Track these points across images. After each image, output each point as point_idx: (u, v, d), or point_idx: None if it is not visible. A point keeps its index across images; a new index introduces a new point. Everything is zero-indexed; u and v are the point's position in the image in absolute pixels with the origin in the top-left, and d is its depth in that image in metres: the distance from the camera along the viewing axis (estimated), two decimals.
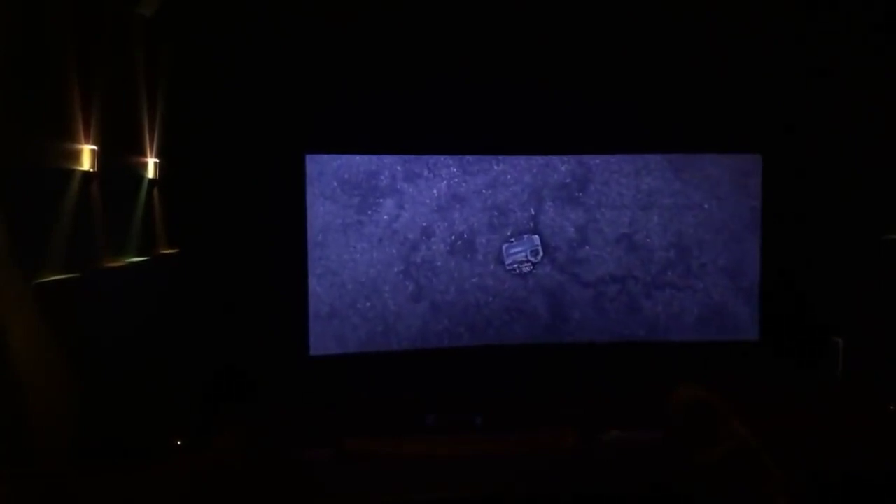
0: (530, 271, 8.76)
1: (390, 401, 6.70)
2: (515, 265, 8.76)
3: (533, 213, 8.85)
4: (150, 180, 5.78)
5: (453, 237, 8.78)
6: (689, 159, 8.71)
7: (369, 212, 8.54)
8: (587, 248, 8.92)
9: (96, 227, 4.70)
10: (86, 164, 4.46)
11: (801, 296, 7.68)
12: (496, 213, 8.83)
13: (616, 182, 9.01)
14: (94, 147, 4.52)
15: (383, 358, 7.80)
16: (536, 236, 8.77)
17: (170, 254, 6.13)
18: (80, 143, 4.43)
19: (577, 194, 8.96)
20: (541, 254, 8.74)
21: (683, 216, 8.84)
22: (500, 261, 8.74)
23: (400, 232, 8.67)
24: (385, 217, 8.59)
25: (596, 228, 8.92)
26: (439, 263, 8.75)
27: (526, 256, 8.74)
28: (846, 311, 7.27)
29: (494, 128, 7.71)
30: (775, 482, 2.38)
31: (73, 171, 4.38)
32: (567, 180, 8.91)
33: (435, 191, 8.72)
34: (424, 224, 8.73)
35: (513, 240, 8.74)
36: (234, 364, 6.80)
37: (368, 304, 8.55)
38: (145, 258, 5.51)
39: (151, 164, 5.79)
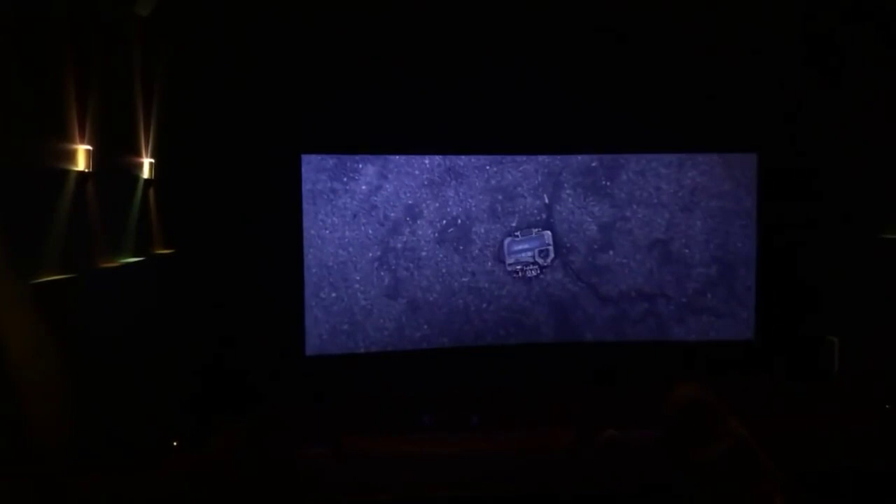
0: (536, 276, 7.26)
1: (387, 400, 6.69)
2: (519, 266, 7.24)
3: (547, 201, 7.27)
4: (146, 180, 5.78)
5: (444, 222, 7.26)
6: (743, 155, 7.43)
7: (345, 178, 7.14)
8: (611, 253, 7.32)
9: (92, 227, 4.70)
10: (81, 164, 4.46)
11: (797, 295, 7.69)
12: (500, 198, 7.32)
13: (654, 173, 7.42)
14: (90, 147, 4.52)
15: (380, 357, 7.74)
16: (548, 232, 7.25)
17: (165, 254, 6.12)
18: (75, 142, 4.44)
19: (604, 183, 7.39)
20: (551, 255, 7.21)
21: (731, 224, 7.47)
22: (499, 258, 7.25)
23: (380, 208, 7.22)
24: (363, 187, 7.20)
25: (624, 229, 7.35)
26: (424, 253, 7.22)
27: (533, 257, 7.23)
28: (842, 310, 7.29)
29: (493, 127, 7.56)
30: (773, 481, 2.39)
31: (69, 171, 4.38)
32: (593, 164, 7.40)
33: (427, 160, 7.34)
34: (410, 202, 7.26)
35: (518, 234, 7.25)
36: (230, 364, 6.78)
37: (334, 294, 7.21)
38: (141, 258, 5.51)
39: (147, 164, 5.78)
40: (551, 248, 7.40)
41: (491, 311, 7.47)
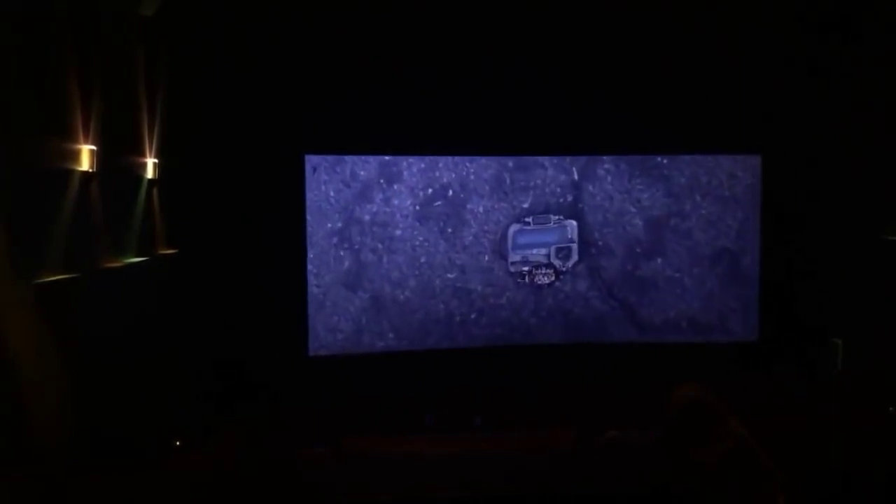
0: (550, 283, 5.49)
1: (389, 400, 6.67)
2: (526, 268, 5.47)
3: (576, 177, 5.45)
4: (150, 180, 5.81)
5: (430, 191, 5.67)
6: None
7: None
8: (659, 261, 5.54)
9: (95, 227, 4.74)
10: (85, 164, 4.51)
11: (801, 297, 7.67)
12: (511, 165, 5.68)
13: (729, 158, 5.51)
14: (94, 147, 4.56)
15: (382, 357, 7.70)
16: (573, 223, 5.50)
17: (169, 254, 6.14)
18: (79, 143, 4.48)
19: (660, 161, 5.63)
20: (574, 257, 5.40)
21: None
22: (500, 252, 5.59)
23: (347, 162, 5.72)
24: None
25: (682, 230, 5.59)
26: (399, 232, 5.65)
27: (548, 256, 5.49)
28: (845, 312, 7.27)
29: (500, 128, 7.42)
30: (774, 481, 2.39)
31: (73, 171, 4.41)
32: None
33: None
34: (387, 157, 5.74)
35: (530, 220, 5.53)
36: (233, 364, 6.79)
37: None
38: (144, 258, 5.53)
39: (150, 164, 5.81)
40: (575, 246, 5.73)
41: (482, 324, 5.91)
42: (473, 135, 7.32)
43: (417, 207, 5.78)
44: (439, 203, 5.74)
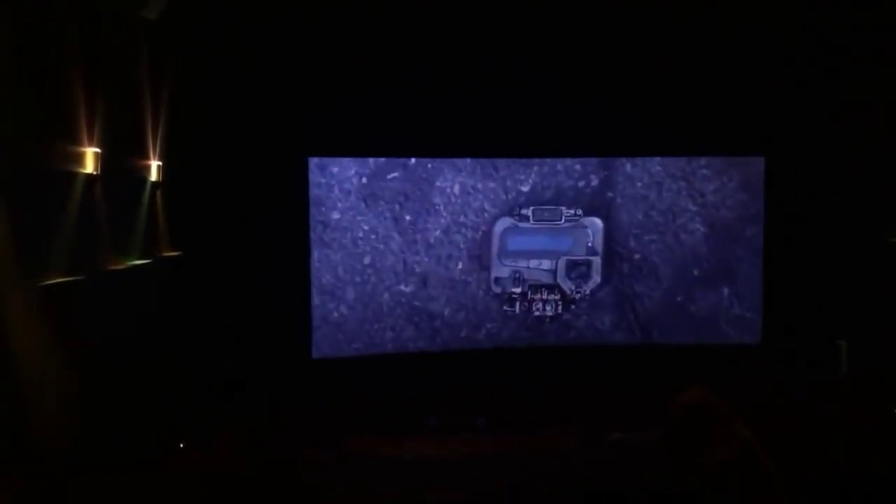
0: (555, 315, 3.88)
1: (392, 402, 6.66)
2: (519, 289, 3.82)
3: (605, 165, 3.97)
4: (153, 183, 5.83)
5: (383, 157, 4.10)
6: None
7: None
8: (725, 292, 3.90)
9: (99, 229, 4.77)
10: (89, 166, 4.53)
11: (805, 298, 7.65)
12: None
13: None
14: (98, 150, 4.58)
15: (385, 359, 7.69)
16: (597, 223, 3.95)
17: (172, 256, 6.15)
18: (83, 145, 4.50)
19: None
20: (595, 278, 3.77)
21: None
22: (482, 261, 3.94)
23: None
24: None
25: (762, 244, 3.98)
26: (337, 215, 4.18)
27: (553, 273, 3.84)
28: (850, 314, 7.25)
29: (498, 129, 7.45)
30: (778, 484, 2.38)
31: (77, 173, 4.44)
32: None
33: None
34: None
35: (528, 213, 3.96)
36: (236, 366, 6.80)
37: None
38: (148, 260, 5.55)
39: (154, 166, 5.82)
40: (597, 259, 3.95)
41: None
42: (478, 135, 7.30)
43: (364, 180, 4.20)
44: (395, 175, 4.09)
